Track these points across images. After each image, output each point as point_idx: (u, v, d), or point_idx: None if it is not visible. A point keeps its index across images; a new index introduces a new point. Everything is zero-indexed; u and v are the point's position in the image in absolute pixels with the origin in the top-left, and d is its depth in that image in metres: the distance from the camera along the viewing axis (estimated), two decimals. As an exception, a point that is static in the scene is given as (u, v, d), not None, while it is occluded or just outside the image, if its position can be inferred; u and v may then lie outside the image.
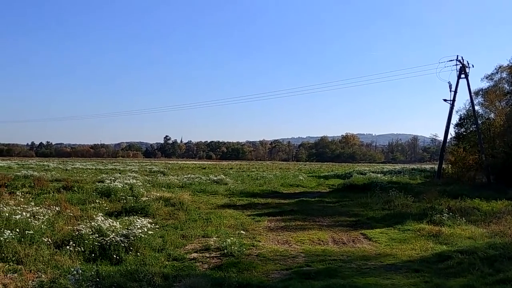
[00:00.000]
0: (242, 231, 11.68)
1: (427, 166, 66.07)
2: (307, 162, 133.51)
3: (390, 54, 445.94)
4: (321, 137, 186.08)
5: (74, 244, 8.64)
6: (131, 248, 9.21)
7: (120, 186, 19.40)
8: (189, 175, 34.30)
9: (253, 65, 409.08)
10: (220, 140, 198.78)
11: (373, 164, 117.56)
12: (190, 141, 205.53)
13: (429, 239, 11.27)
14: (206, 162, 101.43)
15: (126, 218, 12.16)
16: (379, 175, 34.60)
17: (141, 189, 19.46)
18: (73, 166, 52.48)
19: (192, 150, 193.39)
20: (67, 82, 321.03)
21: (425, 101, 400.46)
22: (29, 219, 9.84)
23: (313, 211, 17.05)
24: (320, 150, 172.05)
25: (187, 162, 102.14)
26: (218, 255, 9.48)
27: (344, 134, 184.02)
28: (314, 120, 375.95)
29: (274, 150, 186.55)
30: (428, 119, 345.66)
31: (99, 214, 11.23)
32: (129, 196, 17.20)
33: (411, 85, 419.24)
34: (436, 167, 36.08)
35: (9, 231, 8.67)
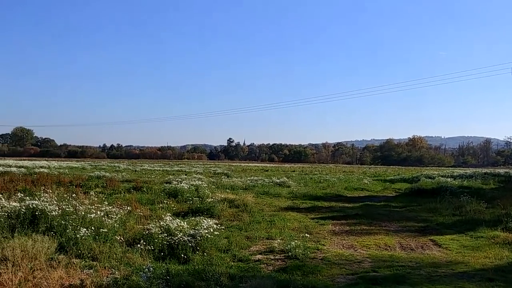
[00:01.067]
0: (306, 234, 11.62)
1: (501, 171, 62.44)
2: (372, 166, 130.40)
3: (455, 53, 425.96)
4: (386, 139, 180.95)
5: (144, 243, 8.99)
6: (197, 248, 9.43)
7: (186, 187, 19.95)
8: (252, 177, 34.59)
9: (319, 68, 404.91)
10: (282, 143, 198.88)
11: (442, 168, 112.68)
12: (253, 143, 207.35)
13: (504, 247, 10.68)
14: (268, 165, 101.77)
15: (193, 218, 12.47)
16: (448, 179, 33.12)
17: (206, 191, 19.85)
18: (141, 168, 54.57)
19: (255, 153, 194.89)
20: (137, 87, 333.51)
21: (497, 103, 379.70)
22: (103, 218, 10.35)
23: (378, 216, 16.66)
24: (385, 153, 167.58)
25: (250, 164, 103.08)
26: (283, 258, 9.49)
27: (410, 137, 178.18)
28: (378, 122, 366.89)
29: (337, 152, 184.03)
30: (501, 122, 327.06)
31: (167, 214, 11.61)
32: (195, 197, 17.63)
33: (481, 86, 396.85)
34: (511, 171, 34.04)
35: (85, 229, 9.17)
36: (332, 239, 11.95)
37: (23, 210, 10.24)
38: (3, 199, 11.61)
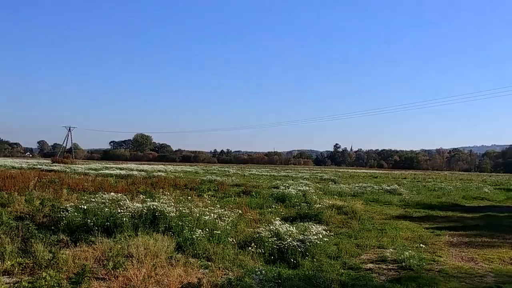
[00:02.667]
0: (420, 245, 11.05)
1: None
2: (493, 173, 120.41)
3: None
4: (510, 145, 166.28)
5: (255, 246, 9.20)
6: (307, 253, 9.41)
7: (293, 193, 20.07)
8: (360, 184, 33.77)
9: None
10: (392, 148, 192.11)
11: None
12: (360, 149, 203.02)
13: None
14: (377, 171, 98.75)
15: (301, 224, 12.48)
16: None
17: (314, 196, 19.80)
18: (250, 172, 56.01)
19: (362, 158, 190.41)
20: (247, 94, 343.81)
21: None
22: (216, 220, 10.80)
23: (502, 228, 15.30)
24: (508, 160, 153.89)
25: (357, 170, 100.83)
26: (395, 268, 9.11)
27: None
28: (500, 126, 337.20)
29: (453, 159, 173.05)
30: None
31: (276, 218, 11.76)
32: (302, 202, 17.67)
33: None
34: None
35: (200, 230, 9.64)
36: (450, 250, 11.21)
37: (144, 210, 11.06)
38: (127, 200, 12.64)
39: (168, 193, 17.06)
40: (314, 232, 10.05)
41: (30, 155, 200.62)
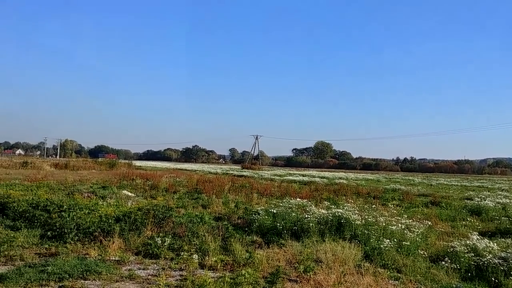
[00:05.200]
0: None
1: None
2: None
3: None
4: None
5: (449, 260, 8.57)
6: (511, 272, 8.40)
7: (491, 205, 18.16)
8: None
9: None
10: None
11: None
12: None
13: None
14: None
15: (502, 240, 11.22)
16: None
17: (516, 210, 17.60)
18: (437, 182, 52.46)
19: None
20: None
21: None
22: (404, 231, 10.36)
23: None
24: None
25: None
26: None
27: None
28: None
29: None
30: None
31: (474, 232, 10.77)
32: (502, 216, 15.86)
33: None
34: None
35: (388, 240, 9.37)
36: None
37: (330, 217, 11.21)
38: (312, 206, 12.99)
39: (352, 201, 17.02)
40: (519, 250, 8.92)
41: (223, 161, 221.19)
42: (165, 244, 8.87)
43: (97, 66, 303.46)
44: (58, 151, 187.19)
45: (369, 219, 11.15)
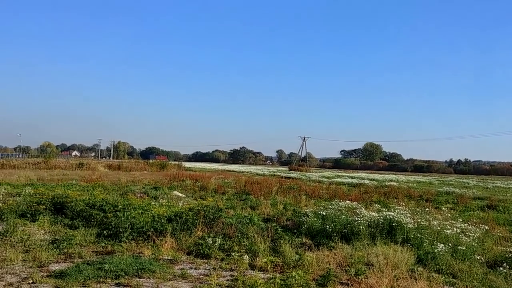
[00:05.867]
0: None
1: None
2: None
3: None
4: None
5: (507, 266, 8.21)
6: None
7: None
8: None
9: None
10: None
11: None
12: None
13: None
14: None
15: None
16: None
17: None
18: (493, 185, 50.27)
19: None
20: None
21: None
22: (459, 235, 10.03)
23: None
24: None
25: None
26: None
27: None
28: None
29: None
30: None
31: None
32: None
33: None
34: None
35: (442, 244, 9.09)
36: None
37: (381, 220, 11.01)
38: (362, 208, 12.79)
39: (403, 204, 16.64)
40: None
41: (270, 163, 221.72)
42: (215, 244, 9.01)
43: (146, 70, 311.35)
44: (112, 152, 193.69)
45: (422, 223, 10.89)
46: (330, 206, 13.42)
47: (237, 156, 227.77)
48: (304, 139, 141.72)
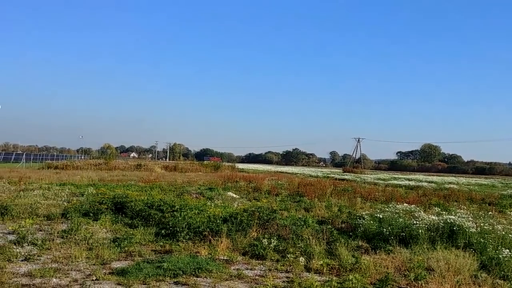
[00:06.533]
0: None
1: None
2: None
3: None
4: None
5: None
6: None
7: None
8: None
9: None
10: None
11: None
12: None
13: None
14: None
15: None
16: None
17: None
18: None
19: None
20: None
21: None
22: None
23: None
24: None
25: None
26: None
27: None
28: None
29: None
30: None
31: None
32: None
33: None
34: None
35: (507, 250, 8.65)
36: None
37: (441, 224, 10.62)
38: (421, 211, 12.40)
39: (464, 207, 16.01)
40: None
41: (323, 165, 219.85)
42: (270, 245, 9.03)
43: (202, 72, 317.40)
44: (168, 154, 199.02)
45: (485, 227, 10.41)
46: (387, 209, 13.12)
47: (290, 157, 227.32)
48: (359, 140, 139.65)
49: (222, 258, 8.45)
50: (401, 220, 11.25)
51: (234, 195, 20.18)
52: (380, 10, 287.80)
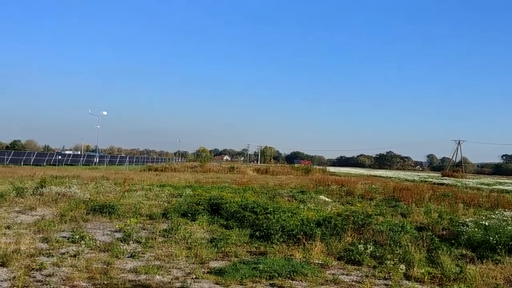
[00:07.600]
0: None
1: None
2: None
3: None
4: None
5: None
6: None
7: None
8: None
9: None
10: None
11: None
12: None
13: None
14: None
15: None
16: None
17: None
18: None
19: None
20: None
21: None
22: None
23: None
24: None
25: None
26: None
27: None
28: None
29: None
30: None
31: None
32: None
33: None
34: None
35: None
36: None
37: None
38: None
39: None
40: None
41: (420, 168, 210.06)
42: (367, 251, 8.77)
43: (289, 77, 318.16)
44: (259, 157, 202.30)
45: None
46: (493, 216, 12.21)
47: (383, 161, 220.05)
48: (459, 142, 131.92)
49: (317, 262, 8.34)
50: (510, 228, 10.39)
51: (327, 199, 19.96)
52: None
